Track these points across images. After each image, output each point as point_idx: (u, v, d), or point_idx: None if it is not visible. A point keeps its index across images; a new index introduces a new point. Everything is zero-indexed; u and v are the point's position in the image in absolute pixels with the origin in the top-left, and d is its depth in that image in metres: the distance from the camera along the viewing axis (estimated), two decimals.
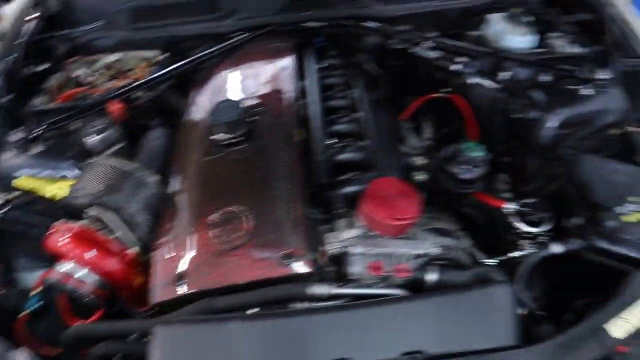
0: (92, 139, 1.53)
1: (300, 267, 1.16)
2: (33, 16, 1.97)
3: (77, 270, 1.26)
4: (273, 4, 1.88)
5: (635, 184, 1.34)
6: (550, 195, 1.55)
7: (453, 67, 1.68)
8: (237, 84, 1.65)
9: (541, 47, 1.74)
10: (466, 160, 1.38)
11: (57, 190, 1.52)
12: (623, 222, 1.23)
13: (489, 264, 1.44)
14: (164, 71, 1.72)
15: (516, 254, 1.36)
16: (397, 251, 1.21)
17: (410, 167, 1.49)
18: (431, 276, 1.23)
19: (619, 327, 1.03)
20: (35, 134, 1.56)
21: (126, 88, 1.66)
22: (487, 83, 1.70)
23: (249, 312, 1.11)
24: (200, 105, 1.62)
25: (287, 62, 1.69)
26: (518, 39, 1.69)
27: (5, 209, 1.46)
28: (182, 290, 1.17)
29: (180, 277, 1.19)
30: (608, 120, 1.54)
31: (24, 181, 1.52)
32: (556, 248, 1.26)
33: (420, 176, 1.44)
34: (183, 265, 1.20)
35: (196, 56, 1.75)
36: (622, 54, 1.65)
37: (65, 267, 1.27)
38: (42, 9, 1.93)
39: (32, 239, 1.43)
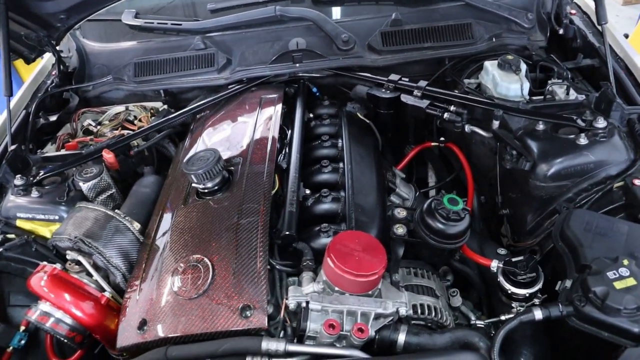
0: (84, 185, 1.58)
1: (257, 320, 1.12)
2: (54, 72, 2.13)
3: (53, 312, 1.30)
4: (267, 56, 1.93)
5: (634, 244, 1.21)
6: (548, 252, 1.45)
7: (446, 116, 1.63)
8: (225, 133, 1.68)
9: (541, 94, 1.67)
10: (446, 213, 1.31)
11: (50, 233, 1.59)
12: (615, 289, 1.10)
13: (476, 325, 1.35)
14: (158, 121, 1.79)
15: (506, 316, 1.26)
16: (359, 309, 1.14)
17: (392, 220, 1.43)
18: (401, 337, 1.15)
19: None
20: (34, 180, 1.64)
21: (122, 137, 1.72)
22: (482, 132, 1.64)
23: None
24: (188, 154, 1.65)
25: (274, 112, 1.71)
26: (510, 85, 1.63)
27: (2, 248, 1.53)
28: (142, 336, 1.16)
29: (143, 324, 1.19)
30: (610, 172, 1.43)
31: (22, 223, 1.60)
32: (537, 313, 1.14)
33: (400, 230, 1.37)
34: (146, 311, 1.20)
35: (190, 107, 1.81)
36: (626, 101, 1.56)
37: (43, 307, 1.31)
38: (59, 66, 2.07)
39: (26, 278, 1.49)
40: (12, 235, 1.58)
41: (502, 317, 1.28)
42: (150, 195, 1.61)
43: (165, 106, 1.95)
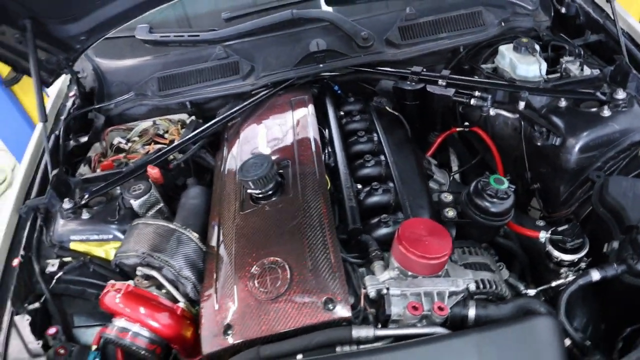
0: (135, 202, 1.62)
1: (341, 311, 1.18)
2: (71, 94, 2.14)
3: (130, 326, 1.34)
4: (290, 59, 1.98)
5: None
6: (584, 219, 1.56)
7: (473, 102, 1.72)
8: (263, 138, 1.73)
9: (556, 73, 1.77)
10: (494, 193, 1.40)
11: (105, 252, 1.63)
12: None
13: (530, 294, 1.44)
14: (193, 133, 1.82)
15: (557, 282, 1.36)
16: (435, 289, 1.23)
17: (440, 204, 1.52)
18: (471, 312, 1.24)
19: None
20: (83, 202, 1.66)
21: (160, 152, 1.76)
22: (507, 114, 1.74)
23: (298, 358, 1.14)
24: (231, 162, 1.70)
25: (308, 112, 1.77)
26: (529, 67, 1.73)
27: (62, 272, 1.56)
28: (230, 340, 1.21)
29: (228, 328, 1.23)
30: (634, 139, 1.55)
31: (76, 246, 1.64)
32: (595, 275, 1.25)
33: (451, 212, 1.47)
34: (229, 317, 1.25)
35: (222, 116, 1.85)
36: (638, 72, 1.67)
37: (119, 323, 1.35)
38: (78, 87, 2.08)
39: (87, 298, 1.56)
40: (69, 258, 1.61)
41: (553, 284, 1.38)
42: (200, 205, 1.66)
43: (193, 117, 1.99)
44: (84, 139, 1.97)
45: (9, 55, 1.82)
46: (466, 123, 1.91)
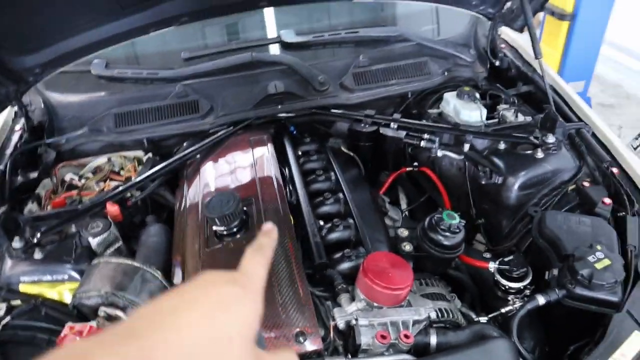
0: (93, 241, 1.58)
1: (313, 344, 1.22)
2: (18, 127, 2.07)
3: None
4: (249, 100, 2.05)
5: (598, 232, 1.51)
6: (525, 250, 1.72)
7: (423, 143, 1.86)
8: (225, 176, 1.76)
9: (493, 119, 1.97)
10: (447, 227, 1.52)
11: (59, 294, 1.56)
12: (596, 269, 1.37)
13: (483, 321, 1.55)
14: (152, 170, 1.81)
15: (506, 308, 1.48)
16: (400, 319, 1.30)
17: (397, 239, 1.61)
18: (433, 339, 1.32)
19: None
20: (35, 241, 1.60)
21: (119, 189, 1.74)
22: (453, 155, 1.89)
23: None
24: (192, 200, 1.71)
25: (268, 151, 1.83)
26: (471, 113, 1.91)
27: (9, 317, 1.47)
28: None
29: None
30: (564, 178, 1.74)
31: (27, 288, 1.56)
32: (541, 299, 1.38)
33: (408, 246, 1.56)
34: None
35: (182, 154, 1.86)
36: (564, 119, 1.90)
37: None
38: (26, 120, 2.02)
39: (38, 344, 1.46)
40: (17, 302, 1.52)
41: (502, 310, 1.50)
42: (161, 243, 1.65)
43: (150, 154, 1.98)
44: (34, 174, 1.90)
45: None
46: (415, 163, 2.05)
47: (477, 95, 1.98)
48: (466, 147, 1.83)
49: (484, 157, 1.81)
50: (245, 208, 1.59)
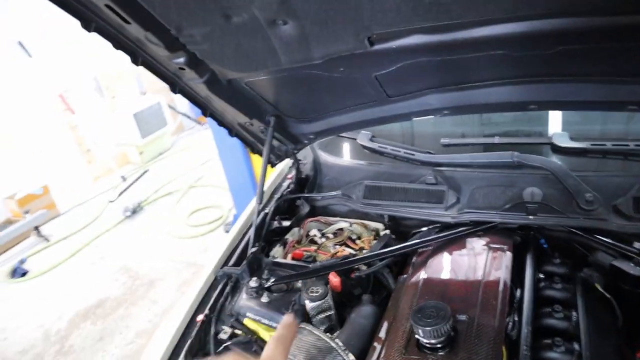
0: (309, 304, 1.69)
1: None
2: (289, 176, 2.40)
3: None
4: (499, 202, 1.90)
5: None
6: None
7: None
8: (449, 279, 1.66)
9: None
10: None
11: (269, 337, 1.73)
12: None
13: None
14: (384, 250, 1.85)
15: None
16: None
17: None
18: None
19: None
20: (266, 285, 1.81)
21: (347, 260, 1.83)
22: None
23: None
24: (410, 293, 1.66)
25: (503, 265, 1.65)
26: None
27: (230, 342, 1.71)
28: None
29: None
30: None
31: (249, 323, 1.79)
32: None
33: None
34: None
35: (416, 241, 1.84)
36: None
37: None
38: (296, 173, 2.33)
39: None
40: (239, 332, 1.75)
41: None
42: (367, 327, 1.65)
43: (388, 231, 2.03)
44: (287, 222, 2.17)
45: (251, 140, 2.16)
46: None
47: None
48: None
49: None
50: (456, 323, 1.47)
